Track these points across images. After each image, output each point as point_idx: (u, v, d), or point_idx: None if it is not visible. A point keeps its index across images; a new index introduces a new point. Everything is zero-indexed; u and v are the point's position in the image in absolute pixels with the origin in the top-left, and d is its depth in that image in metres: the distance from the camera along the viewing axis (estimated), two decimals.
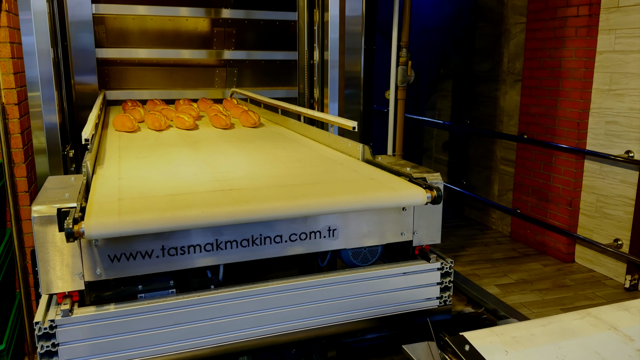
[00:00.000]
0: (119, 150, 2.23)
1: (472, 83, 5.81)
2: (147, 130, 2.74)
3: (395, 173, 1.79)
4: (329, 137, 2.32)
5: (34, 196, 3.14)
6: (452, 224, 5.73)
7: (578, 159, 4.48)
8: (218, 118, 2.82)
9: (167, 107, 3.19)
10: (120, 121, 2.69)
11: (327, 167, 1.92)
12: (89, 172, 1.67)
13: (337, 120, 2.27)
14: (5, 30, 2.87)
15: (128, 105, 3.41)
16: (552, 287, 4.15)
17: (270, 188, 1.60)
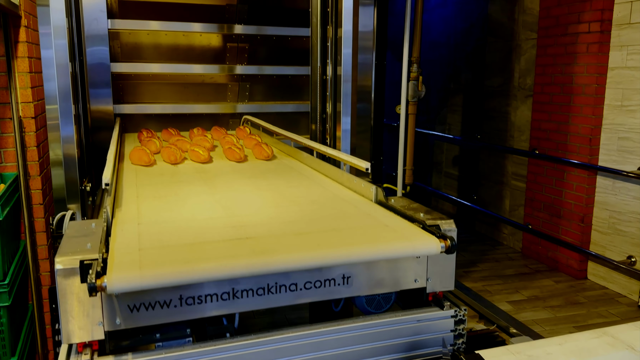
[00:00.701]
0: (137, 188, 2.23)
1: (483, 98, 5.82)
2: (163, 164, 2.76)
3: (408, 219, 1.79)
4: (342, 175, 2.32)
5: (48, 208, 3.17)
6: (463, 239, 5.71)
7: (590, 174, 4.46)
8: (232, 151, 2.84)
9: (182, 139, 3.19)
10: (137, 155, 2.71)
11: (341, 210, 1.92)
12: (108, 218, 1.69)
13: (350, 160, 2.27)
14: (24, 45, 2.92)
15: (143, 135, 3.42)
16: (565, 304, 4.11)
17: (286, 236, 1.62)
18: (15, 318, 2.76)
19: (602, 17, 4.24)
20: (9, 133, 2.96)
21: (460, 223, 6.30)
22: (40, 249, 3.07)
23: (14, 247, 2.91)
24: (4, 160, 2.98)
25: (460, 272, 4.73)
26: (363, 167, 2.13)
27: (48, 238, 3.07)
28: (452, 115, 6.68)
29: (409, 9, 4.53)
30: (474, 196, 6.09)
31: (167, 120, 4.33)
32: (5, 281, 2.53)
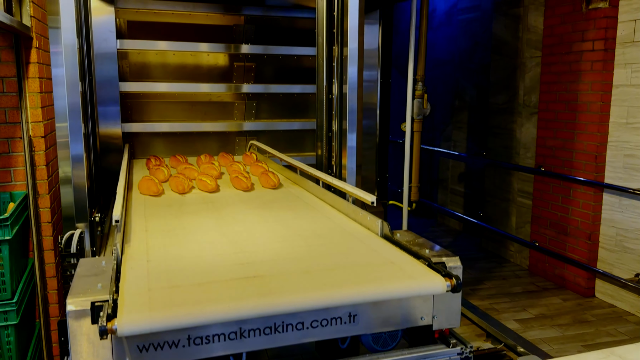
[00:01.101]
0: (145, 220, 2.25)
1: (488, 115, 5.84)
2: (171, 193, 2.79)
3: (414, 255, 1.79)
4: (348, 206, 2.33)
5: (56, 226, 3.19)
6: (469, 256, 5.68)
7: (596, 192, 4.45)
8: (239, 180, 2.86)
9: (190, 167, 3.20)
10: (145, 185, 2.74)
11: (347, 245, 1.93)
12: (118, 256, 1.72)
13: (356, 193, 2.28)
14: (35, 65, 2.97)
15: (152, 162, 3.45)
16: (573, 323, 4.08)
17: (293, 275, 1.63)
18: (23, 336, 2.77)
19: (606, 35, 4.27)
20: (19, 152, 3.00)
21: (466, 240, 6.28)
22: (48, 266, 3.09)
23: (23, 265, 2.93)
24: (13, 179, 3.01)
25: (467, 290, 4.71)
26: (369, 201, 2.15)
27: (56, 256, 3.09)
28: (457, 132, 6.70)
29: (413, 27, 4.58)
30: (480, 213, 6.08)
31: (175, 138, 4.37)
32: (14, 299, 2.54)
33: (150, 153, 4.36)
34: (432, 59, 7.12)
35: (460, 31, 6.61)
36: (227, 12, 4.26)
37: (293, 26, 4.58)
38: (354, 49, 3.60)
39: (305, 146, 4.84)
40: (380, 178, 5.09)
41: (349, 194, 2.42)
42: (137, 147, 4.30)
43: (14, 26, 2.61)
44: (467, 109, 6.49)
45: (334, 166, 3.68)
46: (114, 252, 1.72)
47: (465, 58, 6.53)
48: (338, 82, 3.75)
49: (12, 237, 2.52)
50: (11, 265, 2.56)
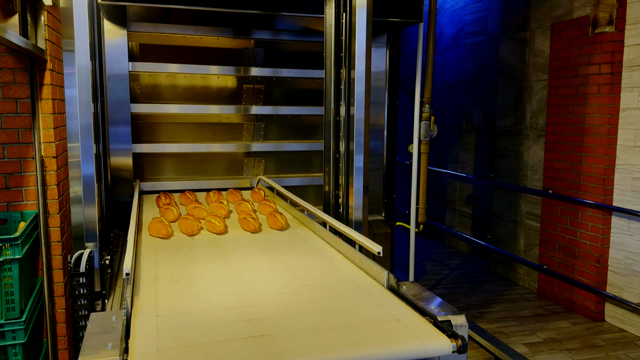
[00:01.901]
0: (155, 266, 2.27)
1: (495, 137, 5.86)
2: (180, 235, 2.80)
3: (420, 311, 1.82)
4: (354, 254, 2.35)
5: (65, 245, 3.22)
6: (477, 279, 5.65)
7: (605, 215, 4.43)
8: (247, 222, 2.89)
9: (199, 206, 3.20)
10: (155, 228, 2.75)
11: (354, 299, 1.95)
12: (128, 310, 1.75)
13: (363, 242, 2.30)
14: (48, 87, 3.03)
15: (162, 200, 3.45)
16: (582, 347, 4.03)
17: (300, 334, 1.66)
18: (30, 355, 2.78)
19: (613, 59, 4.30)
20: (30, 172, 3.04)
21: (474, 262, 6.25)
22: (57, 285, 3.11)
23: (32, 284, 2.95)
24: (25, 199, 3.06)
25: (475, 313, 4.67)
26: (375, 251, 2.17)
27: (65, 275, 3.11)
28: (464, 153, 6.72)
29: (420, 50, 4.63)
30: (488, 235, 6.05)
31: (184, 158, 4.41)
32: (22, 318, 2.56)
33: (160, 173, 4.40)
34: (439, 82, 7.17)
35: (468, 54, 6.67)
36: (237, 35, 4.34)
37: (301, 50, 4.65)
38: (361, 71, 3.64)
39: (313, 167, 4.87)
40: (387, 199, 5.09)
41: (355, 240, 2.42)
42: (147, 166, 4.34)
43: (29, 49, 2.68)
44: (475, 131, 6.51)
45: (340, 196, 3.71)
46: (124, 307, 1.75)
47: (472, 81, 6.57)
48: (345, 104, 3.79)
49: (22, 256, 2.55)
50: (20, 284, 2.58)
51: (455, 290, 5.26)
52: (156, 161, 4.38)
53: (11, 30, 2.46)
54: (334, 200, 4.02)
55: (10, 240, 2.50)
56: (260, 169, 4.66)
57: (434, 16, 4.79)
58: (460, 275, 5.75)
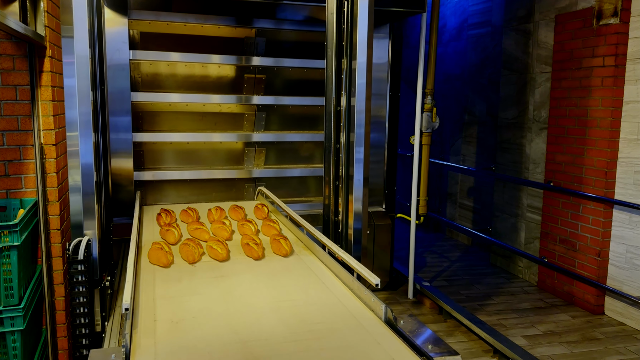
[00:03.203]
0: (154, 303, 2.17)
1: (498, 130, 5.83)
2: (181, 263, 2.68)
3: (416, 350, 1.81)
4: (353, 282, 2.33)
5: (65, 233, 3.22)
6: (477, 272, 5.64)
7: (606, 208, 4.41)
8: (250, 249, 2.78)
9: (201, 227, 3.06)
10: (155, 256, 2.61)
11: (352, 335, 1.93)
12: (127, 346, 1.74)
13: (362, 271, 2.28)
14: (48, 74, 3.02)
15: (162, 218, 3.31)
16: (581, 340, 4.03)
17: None
18: (29, 342, 2.78)
19: (617, 51, 4.27)
20: (30, 159, 3.04)
21: (475, 255, 6.24)
22: (57, 273, 3.11)
23: (31, 272, 2.95)
24: (24, 186, 3.05)
25: (474, 305, 4.67)
26: (373, 283, 2.15)
27: (64, 263, 3.11)
28: (466, 146, 6.69)
29: (423, 42, 4.60)
30: (489, 228, 6.04)
31: (184, 148, 4.40)
32: (21, 305, 2.56)
33: (160, 162, 4.39)
34: (441, 74, 7.13)
35: (471, 46, 6.63)
36: (239, 24, 4.31)
37: (303, 39, 4.62)
38: (362, 62, 3.62)
39: (314, 158, 4.86)
40: (388, 191, 5.08)
41: (354, 269, 2.40)
42: (147, 155, 4.34)
43: (28, 35, 2.66)
44: (477, 123, 6.49)
45: (340, 212, 3.70)
46: (123, 343, 1.73)
47: (475, 73, 6.54)
48: (346, 94, 3.77)
49: (20, 243, 2.55)
50: (19, 271, 2.58)
51: (455, 283, 5.26)
52: (157, 150, 4.37)
53: (10, 16, 2.44)
54: (334, 220, 4.00)
55: (8, 227, 2.49)
56: (261, 159, 4.65)
57: (438, 7, 4.75)
58: (461, 268, 5.75)
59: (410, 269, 4.85)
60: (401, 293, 4.97)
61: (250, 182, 4.63)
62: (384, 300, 2.08)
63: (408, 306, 4.70)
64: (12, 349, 2.56)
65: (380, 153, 5.02)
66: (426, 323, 4.29)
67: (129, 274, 2.07)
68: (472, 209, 6.63)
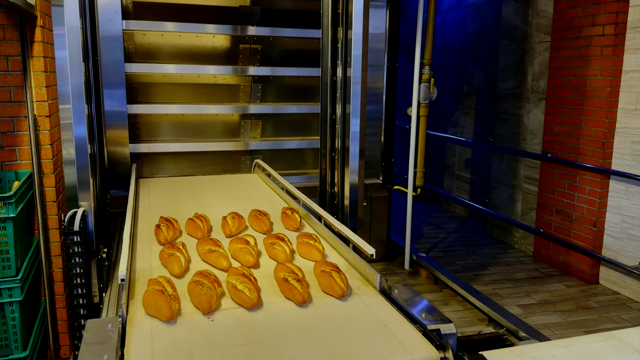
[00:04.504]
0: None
1: (496, 101, 5.79)
2: (191, 313, 1.78)
3: (409, 317, 1.82)
4: (349, 252, 2.34)
5: (61, 205, 3.22)
6: (474, 242, 5.68)
7: (603, 178, 4.42)
8: (289, 288, 1.89)
9: (217, 249, 2.18)
10: (153, 304, 1.72)
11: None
12: (124, 316, 1.73)
13: (357, 242, 2.28)
14: (39, 44, 2.97)
15: (162, 233, 2.40)
16: (576, 309, 4.08)
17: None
18: (28, 313, 2.81)
19: (617, 20, 4.21)
20: (24, 131, 3.02)
21: (471, 226, 6.27)
22: (54, 245, 3.12)
23: (28, 244, 2.96)
24: (18, 158, 3.04)
25: (470, 275, 4.71)
26: (368, 253, 2.15)
27: (61, 235, 3.12)
28: (464, 117, 6.66)
29: (421, 10, 4.53)
30: (486, 199, 6.05)
31: (180, 120, 4.37)
32: (18, 276, 2.58)
33: (156, 134, 4.37)
34: (440, 44, 7.05)
35: (469, 16, 6.53)
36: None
37: (299, 8, 4.54)
38: (358, 32, 3.57)
39: (311, 130, 4.83)
40: (385, 163, 5.07)
41: (350, 240, 2.40)
42: (142, 128, 4.31)
43: (18, 4, 2.61)
44: (475, 94, 6.44)
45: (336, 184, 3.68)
46: (120, 315, 1.71)
47: (473, 43, 6.46)
48: (342, 64, 3.73)
49: (16, 215, 2.55)
50: (16, 243, 2.59)
51: (452, 253, 5.30)
52: (152, 123, 4.34)
53: None
54: (330, 192, 4.00)
55: (3, 199, 2.49)
56: (257, 131, 4.62)
57: None
58: (457, 239, 5.78)
59: (407, 240, 4.88)
60: (397, 264, 5.01)
61: (247, 155, 4.62)
62: (380, 271, 2.08)
63: (404, 276, 4.74)
64: (10, 319, 2.58)
65: (377, 125, 4.99)
66: (422, 293, 4.34)
67: (125, 245, 2.07)
68: (469, 181, 6.64)
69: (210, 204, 3.18)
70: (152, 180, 3.91)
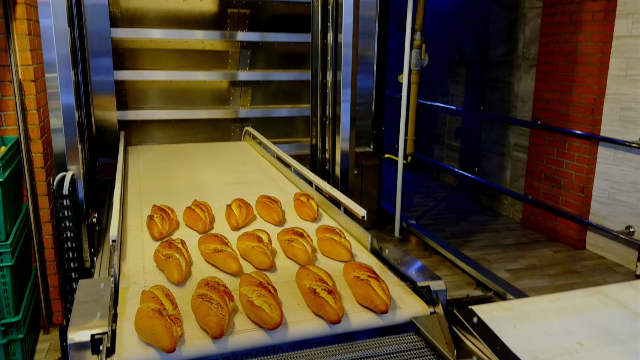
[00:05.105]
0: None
1: (487, 68, 5.77)
2: (197, 337, 1.42)
3: (400, 275, 1.83)
4: (340, 216, 2.34)
5: (49, 172, 3.19)
6: (463, 210, 5.73)
7: (592, 145, 4.45)
8: (320, 303, 1.50)
9: (223, 248, 1.81)
10: (149, 328, 1.36)
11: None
12: (116, 276, 1.73)
13: (348, 204, 2.27)
14: (22, 7, 2.90)
15: (156, 225, 2.05)
16: (562, 273, 4.15)
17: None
18: (19, 279, 2.81)
19: None
20: (9, 96, 2.96)
21: (461, 194, 6.32)
22: (43, 212, 3.11)
23: (17, 210, 2.94)
24: (4, 124, 2.99)
25: (459, 242, 4.76)
26: (359, 215, 2.15)
27: (50, 202, 3.10)
28: (455, 86, 6.64)
29: None
30: (475, 168, 6.08)
31: (169, 86, 4.32)
32: (8, 241, 2.56)
33: (143, 101, 4.31)
34: (432, 11, 6.97)
35: None
36: None
37: None
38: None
39: (301, 97, 4.79)
40: (376, 131, 5.06)
41: (340, 202, 2.40)
42: (130, 95, 4.25)
43: None
44: (466, 62, 6.41)
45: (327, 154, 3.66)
46: (112, 273, 1.71)
47: (465, 9, 6.39)
48: (333, 30, 3.68)
49: (4, 180, 2.52)
50: (4, 208, 2.57)
51: (441, 221, 5.34)
52: (139, 90, 4.28)
53: None
54: (321, 158, 3.98)
55: None
56: (247, 99, 4.58)
57: None
58: (447, 207, 5.83)
59: (397, 207, 4.91)
60: (388, 231, 5.05)
61: (236, 123, 4.58)
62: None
63: (394, 243, 4.79)
64: (2, 284, 2.58)
65: (368, 94, 4.96)
66: None
67: (116, 207, 2.06)
68: (460, 150, 6.66)
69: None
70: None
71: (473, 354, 1.37)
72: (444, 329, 1.48)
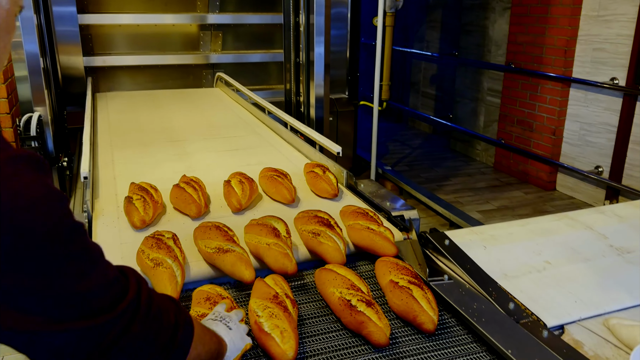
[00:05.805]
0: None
1: (462, 12, 5.71)
2: None
3: (375, 207, 1.85)
4: (315, 154, 2.35)
5: (15, 118, 3.09)
6: (437, 157, 5.78)
7: (564, 87, 4.49)
8: (362, 321, 1.14)
9: (232, 245, 1.37)
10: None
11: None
12: (89, 212, 1.71)
13: (323, 142, 2.29)
14: None
15: (136, 211, 1.60)
16: (533, 213, 4.26)
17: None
18: None
19: None
20: None
21: (435, 141, 6.36)
22: None
23: None
24: None
25: (433, 186, 4.83)
26: (334, 151, 2.18)
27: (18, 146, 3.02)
28: (430, 32, 6.57)
29: None
30: (450, 114, 6.11)
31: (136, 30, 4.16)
32: None
33: (110, 47, 4.17)
34: None
35: None
36: None
37: None
38: None
39: (274, 42, 4.70)
40: (351, 77, 5.01)
41: (316, 141, 2.39)
42: (96, 40, 4.11)
43: None
44: (442, 7, 6.32)
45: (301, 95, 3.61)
46: (85, 210, 1.70)
47: None
48: None
49: None
50: None
51: (416, 167, 5.40)
52: (106, 35, 4.13)
53: None
54: (295, 100, 3.93)
55: None
56: (218, 44, 4.47)
57: None
58: (422, 154, 5.87)
59: (373, 154, 4.92)
60: (364, 178, 5.07)
61: (208, 69, 4.48)
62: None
63: None
64: None
65: (342, 39, 4.88)
66: None
67: (86, 144, 2.03)
68: (434, 97, 6.66)
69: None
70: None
71: (444, 273, 1.40)
72: (417, 252, 1.51)
